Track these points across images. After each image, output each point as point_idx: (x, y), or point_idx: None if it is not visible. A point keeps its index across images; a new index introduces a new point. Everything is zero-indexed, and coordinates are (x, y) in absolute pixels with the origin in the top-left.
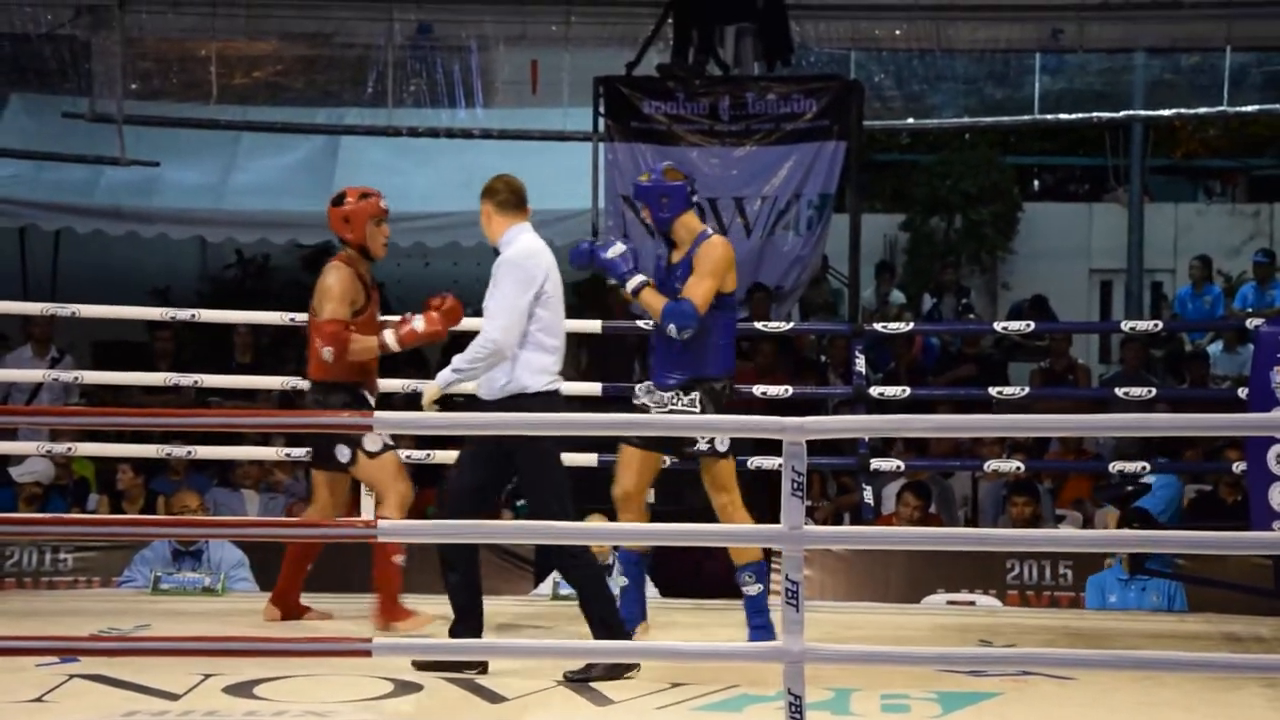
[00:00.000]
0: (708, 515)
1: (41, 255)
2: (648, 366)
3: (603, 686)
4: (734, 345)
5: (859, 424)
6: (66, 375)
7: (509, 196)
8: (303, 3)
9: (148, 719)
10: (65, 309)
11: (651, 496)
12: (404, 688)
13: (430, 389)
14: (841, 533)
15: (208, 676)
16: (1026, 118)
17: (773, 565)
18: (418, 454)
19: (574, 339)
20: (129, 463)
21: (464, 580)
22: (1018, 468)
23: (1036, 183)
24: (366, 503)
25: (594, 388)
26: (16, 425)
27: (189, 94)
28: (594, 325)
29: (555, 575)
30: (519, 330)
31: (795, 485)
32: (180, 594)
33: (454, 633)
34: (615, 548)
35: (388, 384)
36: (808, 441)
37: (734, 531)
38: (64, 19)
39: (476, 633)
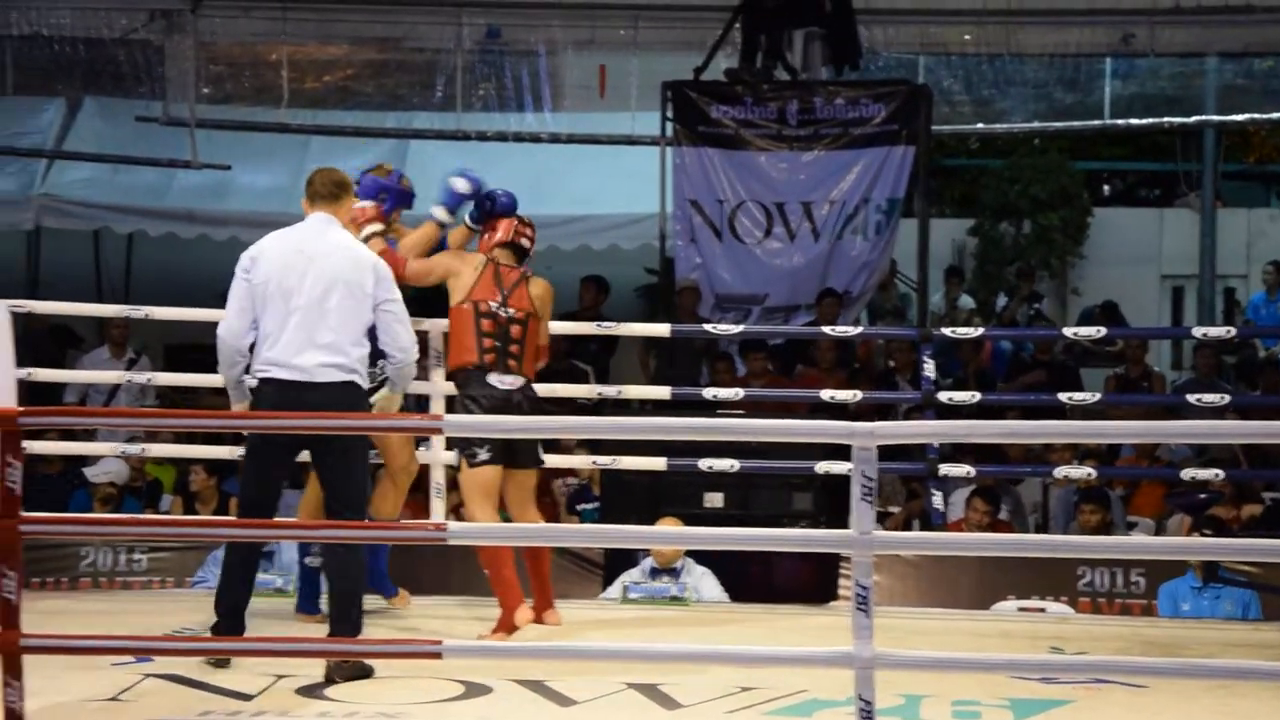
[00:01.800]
0: (778, 520)
1: (115, 257)
2: (714, 369)
3: (672, 690)
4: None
5: (929, 429)
6: (141, 377)
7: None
8: (373, 7)
9: (221, 719)
10: (138, 311)
11: (720, 501)
12: (474, 690)
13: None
14: (911, 538)
15: (280, 677)
16: (1097, 123)
17: (846, 571)
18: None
19: (642, 343)
20: (202, 464)
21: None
22: (1089, 474)
23: (1107, 188)
24: (436, 505)
25: (663, 392)
26: (94, 426)
27: (260, 98)
28: (662, 329)
29: (624, 578)
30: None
31: (865, 490)
32: (253, 595)
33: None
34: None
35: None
36: (877, 447)
37: (804, 537)
38: (138, 23)
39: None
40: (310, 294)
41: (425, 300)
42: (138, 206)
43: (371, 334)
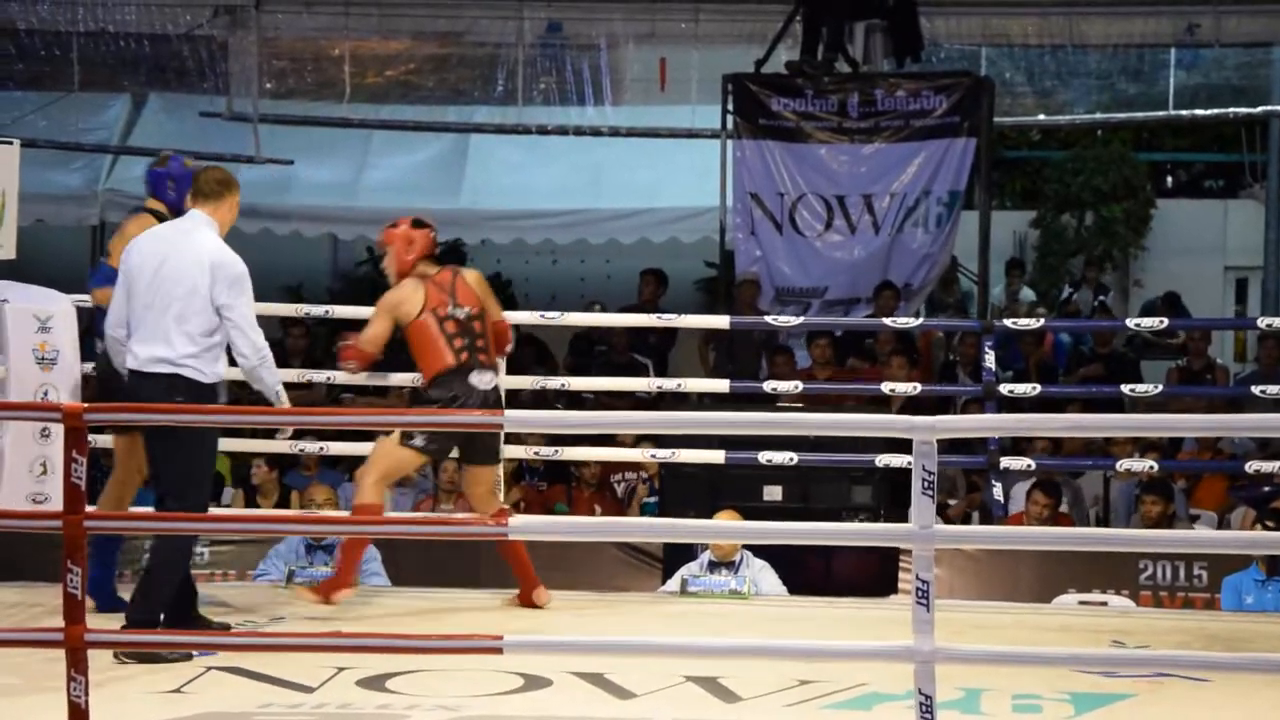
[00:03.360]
0: (837, 513)
1: None
2: (774, 361)
3: (731, 683)
4: None
5: (989, 423)
6: None
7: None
8: (434, 2)
9: (283, 711)
10: None
11: (780, 494)
12: (533, 682)
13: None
14: (972, 532)
15: (341, 669)
16: (1161, 114)
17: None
18: (546, 450)
19: (702, 336)
20: (263, 458)
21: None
22: (1150, 467)
23: (1170, 179)
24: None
25: (722, 385)
26: (158, 423)
27: (322, 93)
28: (722, 322)
29: (683, 572)
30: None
31: (925, 484)
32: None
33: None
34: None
35: (515, 381)
36: (938, 440)
37: (864, 531)
38: (202, 19)
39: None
40: (156, 288)
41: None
42: None
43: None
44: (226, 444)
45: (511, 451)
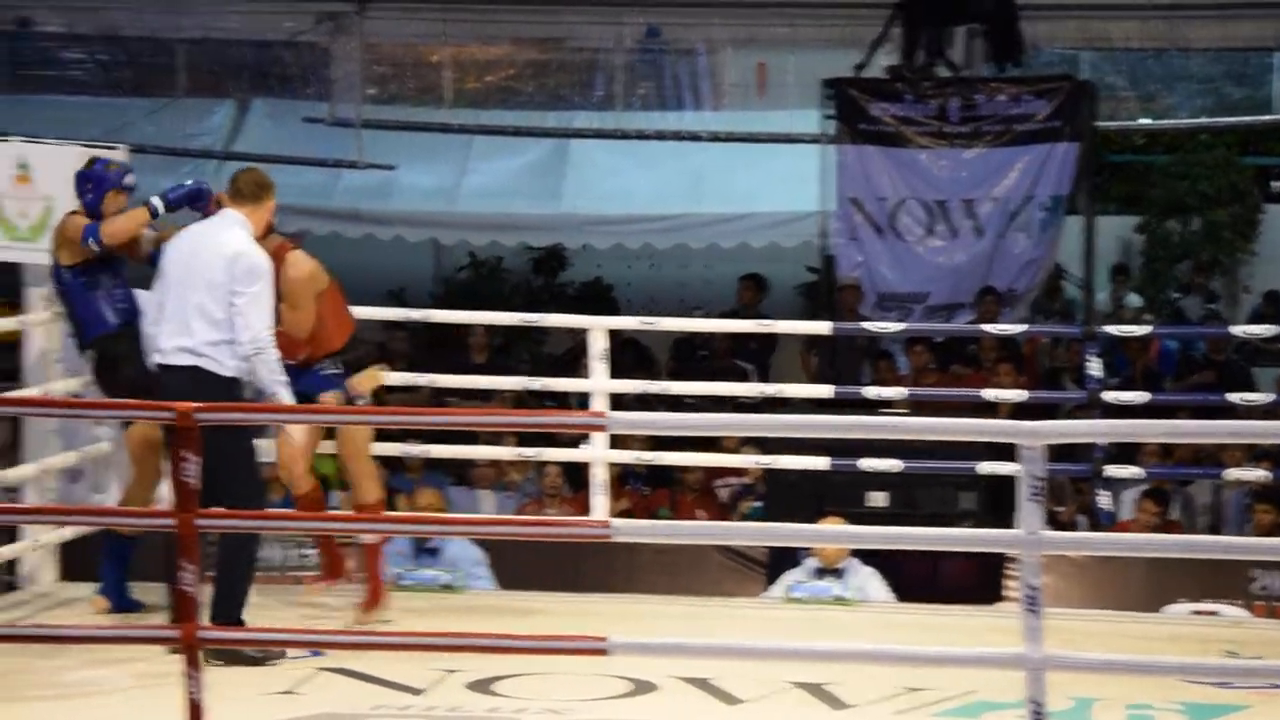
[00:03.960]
0: (942, 519)
1: None
2: (876, 367)
3: (837, 689)
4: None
5: (1095, 429)
6: None
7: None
8: (534, 7)
9: (394, 712)
10: None
11: (884, 500)
12: (640, 687)
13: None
14: (1080, 539)
15: (450, 672)
16: (1267, 118)
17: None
18: (648, 455)
19: (803, 341)
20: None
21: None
22: (1262, 476)
23: (1277, 184)
24: (598, 502)
25: (824, 390)
26: (267, 423)
27: (424, 98)
28: (824, 327)
29: (788, 578)
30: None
31: (1033, 491)
32: (420, 590)
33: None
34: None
35: (622, 385)
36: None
37: (971, 537)
38: (305, 25)
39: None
40: (182, 282)
41: (587, 299)
42: (304, 206)
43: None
44: (330, 447)
45: (615, 456)
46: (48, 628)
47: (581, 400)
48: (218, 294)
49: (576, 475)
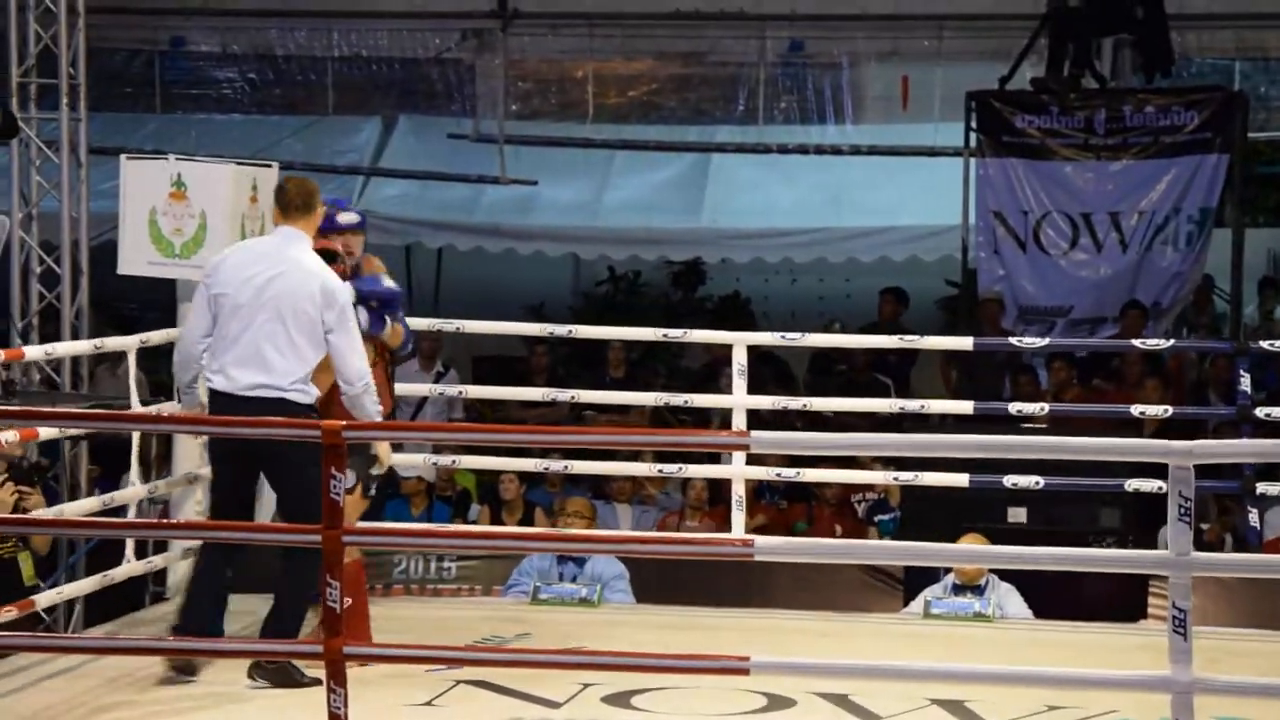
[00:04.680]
0: (1084, 537)
1: (425, 272)
2: (1017, 382)
3: (977, 707)
4: None
5: (1249, 449)
6: (451, 390)
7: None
8: (677, 22)
9: None
10: (450, 324)
11: (1024, 516)
12: (777, 702)
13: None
14: (1231, 559)
15: (586, 686)
16: None
17: None
18: (788, 471)
19: (944, 356)
20: (514, 474)
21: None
22: None
23: None
24: (737, 519)
25: (965, 406)
26: (413, 440)
27: (566, 114)
28: (965, 342)
29: (926, 594)
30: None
31: (1182, 510)
32: (559, 604)
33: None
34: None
35: (761, 400)
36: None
37: (1118, 557)
38: (451, 43)
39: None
40: (257, 310)
41: (725, 314)
42: (448, 221)
43: None
44: (470, 461)
45: (752, 472)
46: (196, 641)
47: (719, 415)
48: (304, 326)
49: (713, 487)
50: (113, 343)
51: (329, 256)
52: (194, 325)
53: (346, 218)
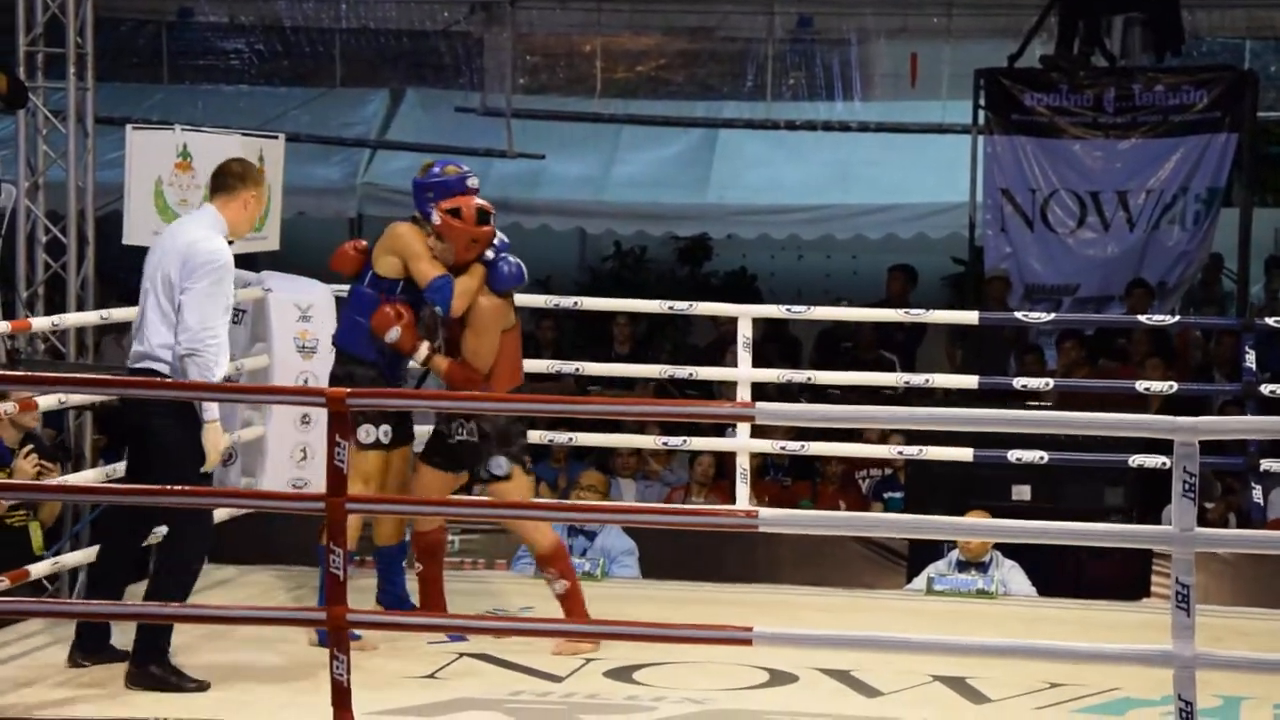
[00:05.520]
0: (1088, 514)
1: None
2: (1023, 360)
3: (979, 684)
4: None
5: (1255, 425)
6: None
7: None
8: None
9: (533, 699)
10: None
11: (1028, 494)
12: (780, 678)
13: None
14: (1235, 535)
15: (589, 660)
16: None
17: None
18: (792, 445)
19: (949, 332)
20: None
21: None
22: None
23: None
24: (741, 491)
25: (970, 381)
26: (418, 409)
27: (574, 88)
28: (971, 317)
29: (930, 570)
30: None
31: (1186, 486)
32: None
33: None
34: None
35: (766, 374)
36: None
37: (1122, 533)
38: (459, 16)
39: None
40: (144, 285)
41: (731, 290)
42: None
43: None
44: None
45: (757, 446)
46: (198, 608)
47: (724, 390)
48: (167, 291)
49: (717, 464)
50: (120, 313)
51: (485, 216)
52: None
53: (474, 182)
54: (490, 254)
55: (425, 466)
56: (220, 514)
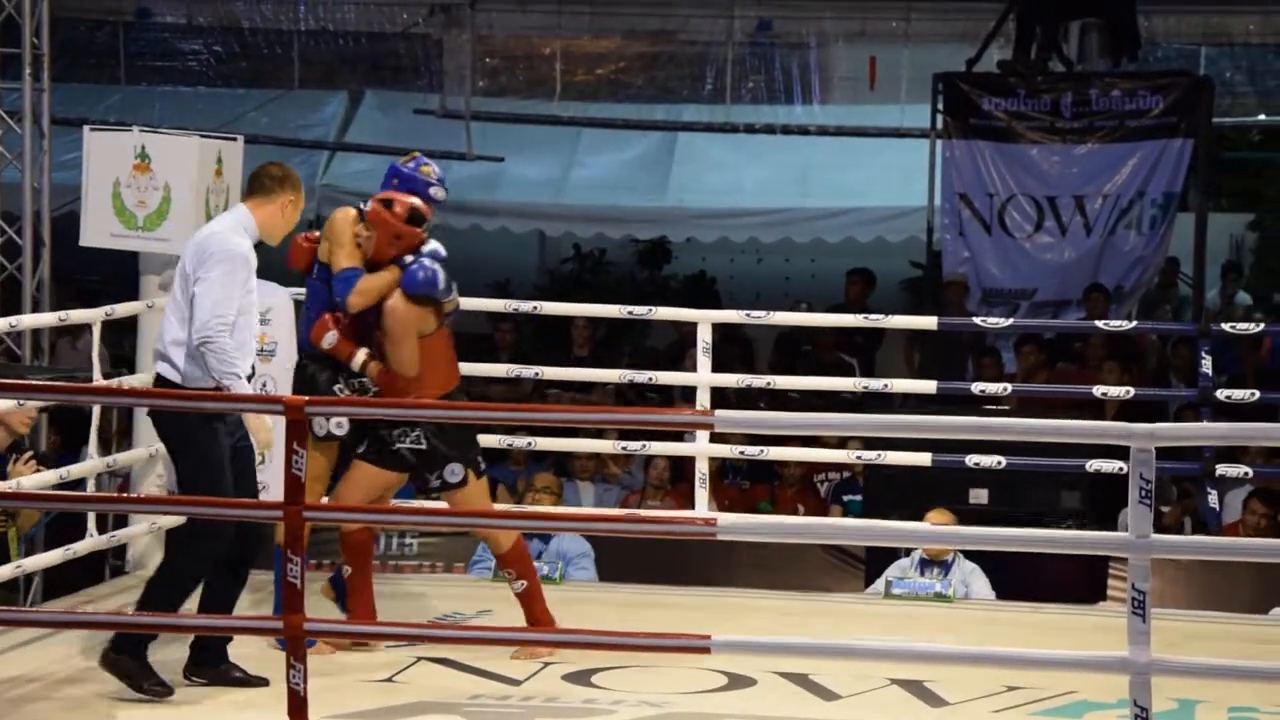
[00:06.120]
0: (1045, 518)
1: None
2: (980, 364)
3: (937, 687)
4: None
5: (1212, 431)
6: None
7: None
8: (646, 0)
9: (491, 702)
10: None
11: (986, 497)
12: (738, 681)
13: None
14: (1190, 542)
15: (547, 664)
16: None
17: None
18: (752, 450)
19: (907, 336)
20: None
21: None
22: None
23: None
24: (700, 496)
25: (928, 386)
26: (376, 418)
27: (533, 91)
28: (929, 322)
29: (891, 570)
30: None
31: (1143, 493)
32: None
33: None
34: None
35: (725, 379)
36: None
37: (1079, 539)
38: (418, 17)
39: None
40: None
41: (690, 293)
42: None
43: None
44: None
45: (716, 451)
46: (153, 616)
47: (684, 394)
48: (187, 285)
49: (676, 467)
50: (78, 315)
51: (417, 217)
52: None
53: (438, 193)
54: (410, 258)
55: (360, 463)
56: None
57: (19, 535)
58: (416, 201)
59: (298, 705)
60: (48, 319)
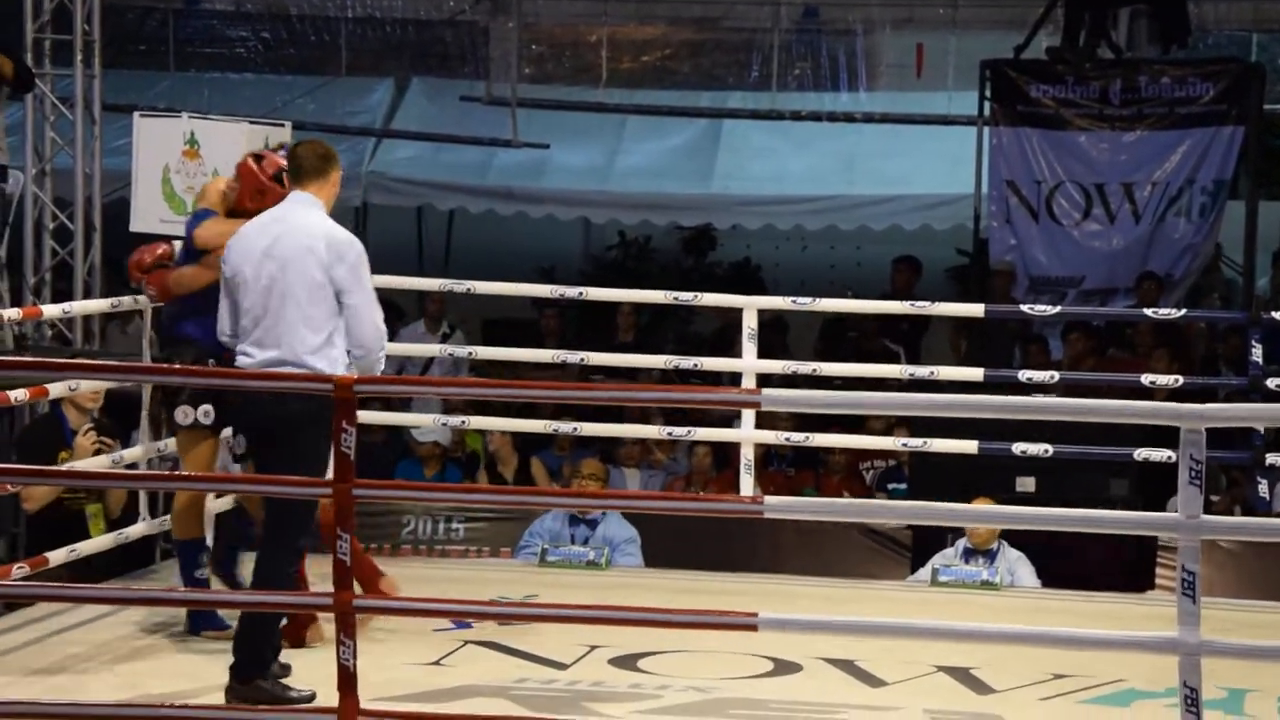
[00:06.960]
0: (1093, 505)
1: (436, 233)
2: (1027, 352)
3: (983, 674)
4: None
5: (1262, 412)
6: (460, 350)
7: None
8: None
9: (538, 686)
10: (461, 285)
11: (1033, 485)
12: (784, 667)
13: None
14: (1241, 523)
15: (593, 648)
16: None
17: None
18: (797, 436)
19: (954, 324)
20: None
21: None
22: None
23: None
24: (745, 480)
25: (975, 373)
26: (423, 395)
27: (579, 78)
28: (976, 310)
29: (936, 559)
30: None
31: (1193, 474)
32: (566, 567)
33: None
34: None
35: (771, 365)
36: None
37: (1128, 519)
38: (465, 5)
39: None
40: (264, 285)
41: (735, 280)
42: (459, 184)
43: None
44: (479, 422)
45: (762, 437)
46: (207, 592)
47: (729, 380)
48: (316, 291)
49: (720, 455)
50: (130, 300)
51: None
52: (220, 314)
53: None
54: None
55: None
56: (226, 500)
57: (106, 516)
58: (283, 162)
59: (347, 679)
60: (100, 304)
